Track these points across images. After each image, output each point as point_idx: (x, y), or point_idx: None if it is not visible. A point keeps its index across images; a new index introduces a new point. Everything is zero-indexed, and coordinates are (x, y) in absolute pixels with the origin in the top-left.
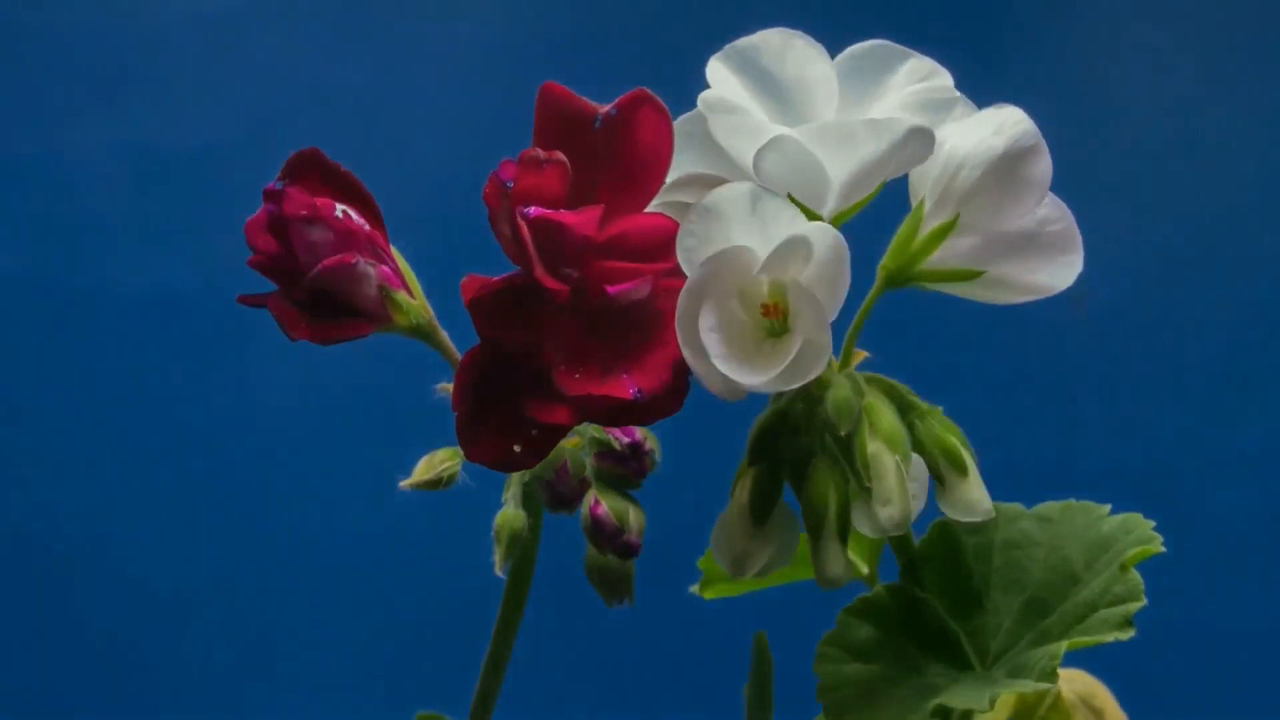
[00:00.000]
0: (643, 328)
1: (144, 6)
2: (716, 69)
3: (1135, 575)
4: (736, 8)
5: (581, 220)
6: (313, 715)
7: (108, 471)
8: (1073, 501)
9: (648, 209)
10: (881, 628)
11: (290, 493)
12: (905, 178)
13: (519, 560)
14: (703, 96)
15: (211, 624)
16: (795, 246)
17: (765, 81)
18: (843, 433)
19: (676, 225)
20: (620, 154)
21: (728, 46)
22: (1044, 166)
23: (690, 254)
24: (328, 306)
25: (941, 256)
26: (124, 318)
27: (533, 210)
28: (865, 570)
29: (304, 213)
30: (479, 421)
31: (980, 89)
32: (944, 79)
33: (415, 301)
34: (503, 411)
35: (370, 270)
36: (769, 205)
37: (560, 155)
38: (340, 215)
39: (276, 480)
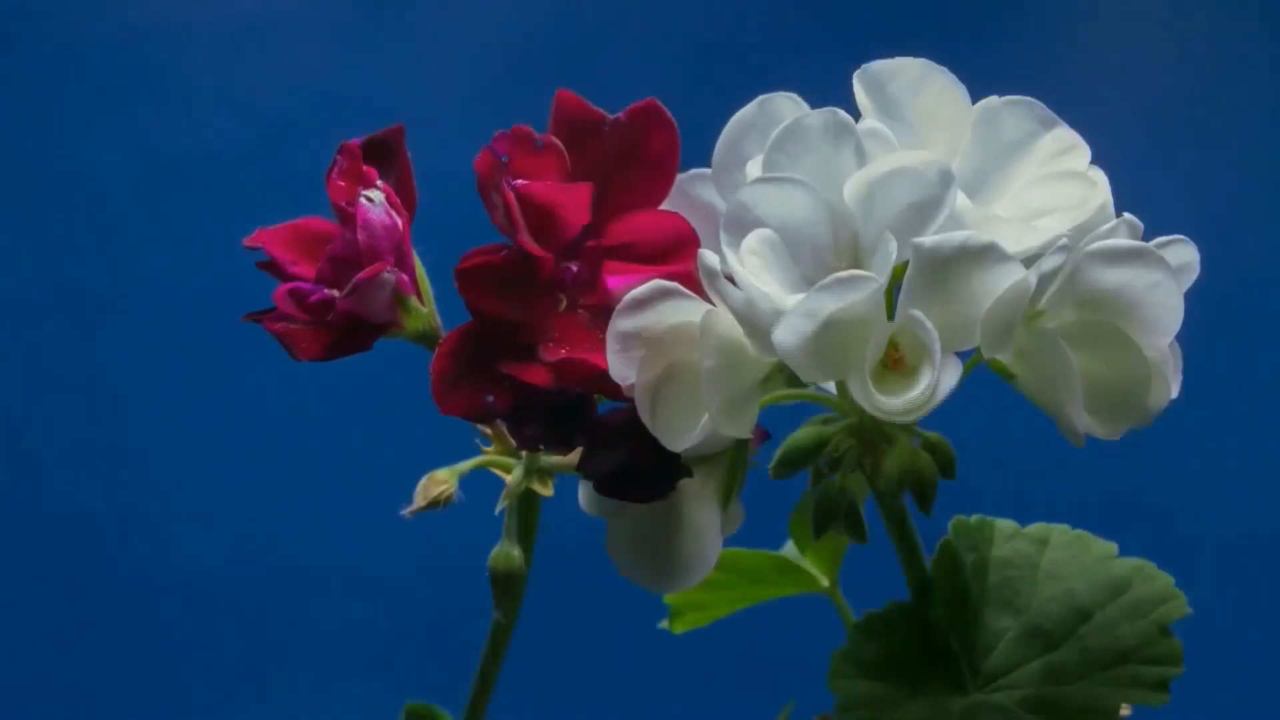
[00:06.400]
0: None
1: (162, 14)
2: (856, 89)
3: (1177, 643)
4: (740, 18)
5: (571, 201)
6: (315, 712)
7: (126, 472)
8: (1067, 528)
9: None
10: (888, 645)
11: (298, 492)
12: None
13: None
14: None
15: (222, 619)
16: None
17: (890, 108)
18: (887, 497)
19: (689, 225)
20: (629, 162)
21: (864, 66)
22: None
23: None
24: (341, 323)
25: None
26: (144, 320)
27: (521, 182)
28: (825, 583)
29: (364, 182)
30: (454, 380)
31: (977, 87)
32: (1083, 156)
33: (425, 309)
34: (479, 371)
35: (390, 279)
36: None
37: (556, 140)
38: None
39: (286, 480)
